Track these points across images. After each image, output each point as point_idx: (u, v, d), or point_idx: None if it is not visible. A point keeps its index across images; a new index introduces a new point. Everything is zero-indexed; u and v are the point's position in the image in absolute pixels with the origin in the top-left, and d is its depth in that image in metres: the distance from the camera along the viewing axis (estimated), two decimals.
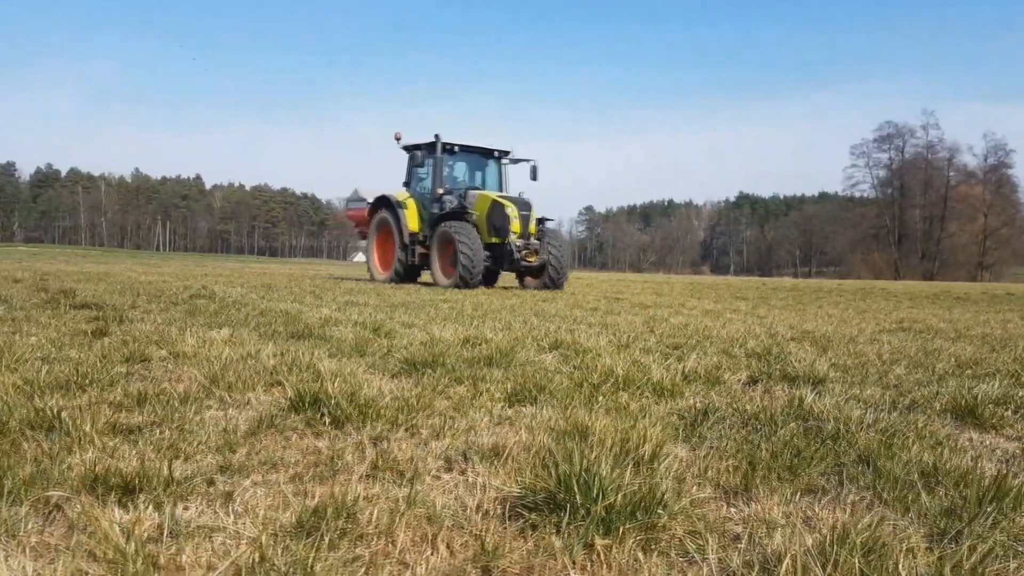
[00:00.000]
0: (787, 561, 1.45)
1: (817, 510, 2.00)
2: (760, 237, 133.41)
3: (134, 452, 2.44)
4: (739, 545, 1.67)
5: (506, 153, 18.18)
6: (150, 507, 1.92)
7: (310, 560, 1.55)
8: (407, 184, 18.15)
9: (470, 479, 2.27)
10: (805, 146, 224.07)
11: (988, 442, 3.08)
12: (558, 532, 1.75)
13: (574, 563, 1.62)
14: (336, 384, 3.24)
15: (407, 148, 18.10)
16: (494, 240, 16.13)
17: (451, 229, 15.44)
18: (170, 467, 2.20)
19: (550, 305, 10.80)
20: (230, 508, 1.98)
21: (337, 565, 1.50)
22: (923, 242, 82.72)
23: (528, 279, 17.35)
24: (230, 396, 3.44)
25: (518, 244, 15.99)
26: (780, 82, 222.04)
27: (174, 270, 24.88)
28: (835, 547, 1.54)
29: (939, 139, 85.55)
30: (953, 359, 5.61)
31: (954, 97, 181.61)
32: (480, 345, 5.34)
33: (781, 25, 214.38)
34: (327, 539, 1.69)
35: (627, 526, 1.77)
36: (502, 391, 3.70)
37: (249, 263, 55.52)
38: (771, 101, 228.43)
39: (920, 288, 31.60)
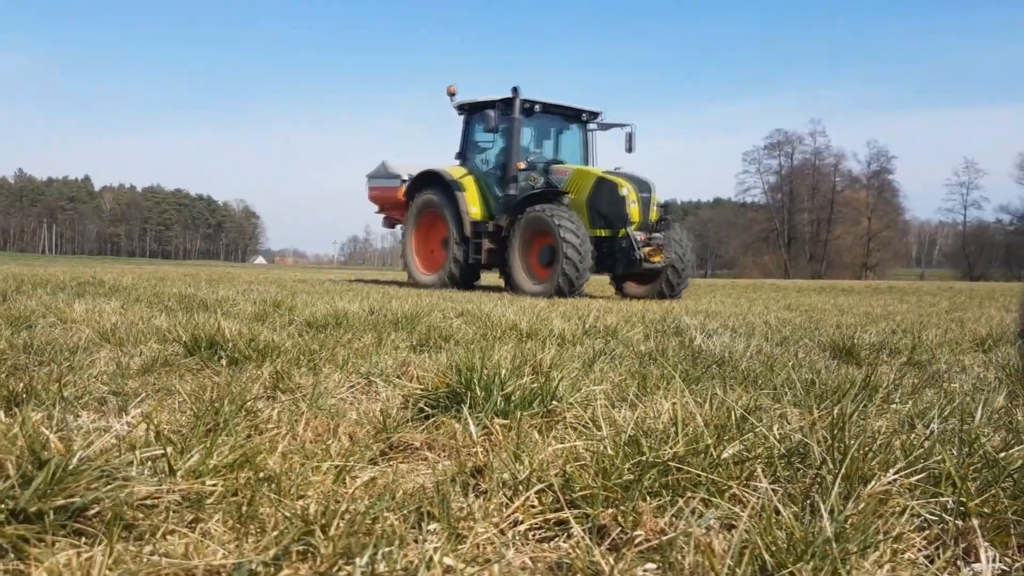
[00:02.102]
0: (667, 413, 1.55)
1: (704, 407, 2.13)
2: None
3: (20, 383, 2.34)
4: (630, 426, 1.76)
5: (595, 115, 13.58)
6: (39, 414, 1.86)
7: (208, 443, 1.55)
8: (462, 156, 13.63)
9: (373, 395, 2.29)
10: (701, 154, 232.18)
11: (863, 373, 3.31)
12: (459, 419, 1.80)
13: (473, 441, 1.68)
14: (235, 328, 3.19)
15: (464, 107, 13.59)
16: (600, 232, 11.82)
17: (551, 216, 11.25)
18: (60, 387, 2.13)
19: (459, 293, 10.86)
20: (123, 419, 1.94)
21: (234, 444, 1.50)
22: (811, 244, 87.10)
23: (629, 284, 12.87)
24: (122, 349, 3.33)
25: (639, 238, 11.52)
26: (676, 94, 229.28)
27: (62, 269, 23.58)
28: (715, 412, 1.66)
29: (826, 146, 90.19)
30: (835, 326, 5.98)
31: (841, 108, 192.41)
32: (386, 314, 5.34)
33: (678, 37, 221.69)
34: (225, 429, 1.69)
35: (524, 413, 1.84)
36: (408, 343, 3.72)
37: (141, 264, 53.18)
38: (669, 111, 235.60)
39: (808, 284, 33.36)
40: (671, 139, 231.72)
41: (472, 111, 13.53)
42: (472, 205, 12.83)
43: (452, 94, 13.52)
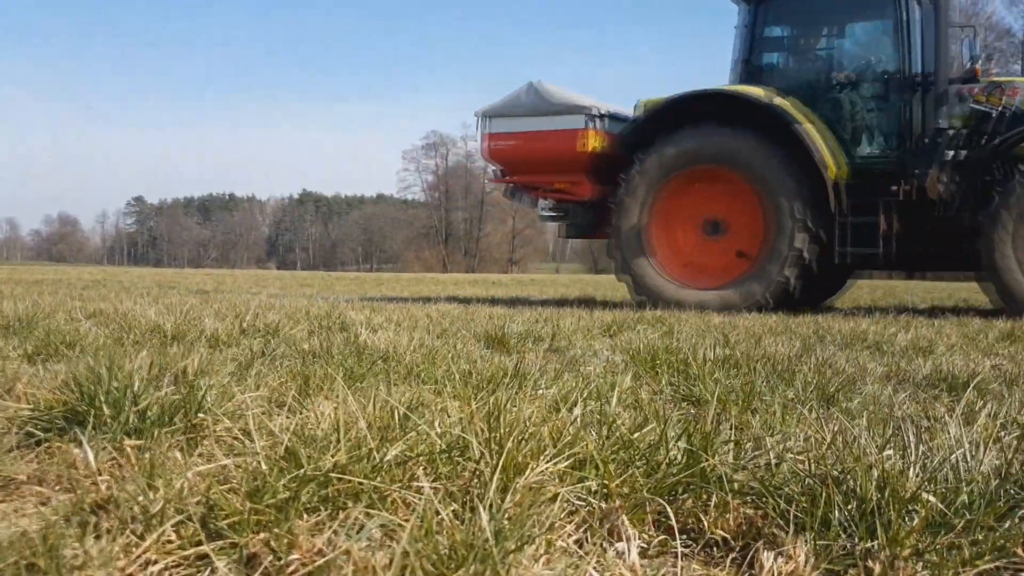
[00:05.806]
0: (328, 417, 1.46)
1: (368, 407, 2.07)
2: (325, 235, 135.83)
3: None
4: (287, 436, 1.64)
5: None
6: None
7: None
8: (744, 68, 8.02)
9: None
10: (362, 148, 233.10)
11: (514, 361, 3.54)
12: (79, 444, 1.52)
13: (99, 470, 1.42)
14: None
15: None
16: None
17: None
18: None
19: (120, 295, 9.58)
20: None
21: None
22: (465, 241, 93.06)
23: None
24: None
25: None
26: (334, 86, 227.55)
27: None
28: (380, 412, 1.61)
29: (477, 150, 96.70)
30: (488, 317, 6.37)
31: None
32: None
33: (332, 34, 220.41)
34: None
35: (164, 430, 1.62)
36: (20, 352, 3.15)
37: None
38: (329, 103, 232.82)
39: (464, 277, 35.76)
40: (328, 132, 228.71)
41: None
42: (828, 156, 7.36)
43: None
